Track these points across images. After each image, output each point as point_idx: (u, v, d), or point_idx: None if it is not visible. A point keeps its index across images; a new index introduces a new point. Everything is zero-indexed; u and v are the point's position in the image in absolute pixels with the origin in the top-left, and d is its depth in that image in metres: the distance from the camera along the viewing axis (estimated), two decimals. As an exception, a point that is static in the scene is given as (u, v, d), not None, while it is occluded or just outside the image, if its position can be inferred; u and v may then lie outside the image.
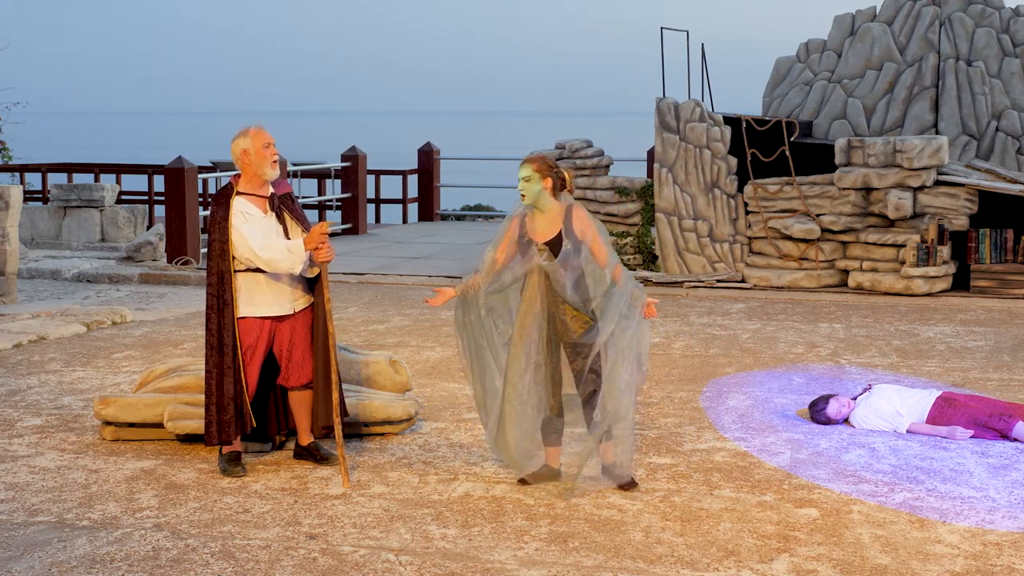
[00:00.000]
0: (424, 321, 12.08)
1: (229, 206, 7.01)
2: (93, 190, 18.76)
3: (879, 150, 13.70)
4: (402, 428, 7.86)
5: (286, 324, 7.13)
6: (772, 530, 6.10)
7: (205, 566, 5.65)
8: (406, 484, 6.84)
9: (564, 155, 15.35)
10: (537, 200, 6.69)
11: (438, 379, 9.50)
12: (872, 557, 5.75)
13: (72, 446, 7.64)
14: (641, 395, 8.95)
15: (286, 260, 6.94)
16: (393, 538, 6.00)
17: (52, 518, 6.31)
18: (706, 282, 14.22)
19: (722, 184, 14.43)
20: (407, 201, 22.27)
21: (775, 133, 14.45)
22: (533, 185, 6.66)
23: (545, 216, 6.71)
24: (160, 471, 7.11)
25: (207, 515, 6.34)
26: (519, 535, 6.03)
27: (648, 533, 6.06)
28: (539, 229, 6.73)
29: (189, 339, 11.25)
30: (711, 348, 10.71)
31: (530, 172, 6.66)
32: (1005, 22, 15.84)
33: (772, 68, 17.10)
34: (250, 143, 7.04)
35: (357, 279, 14.96)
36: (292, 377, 7.17)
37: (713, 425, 8.12)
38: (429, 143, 22.09)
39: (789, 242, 14.15)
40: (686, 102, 14.62)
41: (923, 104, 15.76)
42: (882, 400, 8.06)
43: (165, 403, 7.64)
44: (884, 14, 16.25)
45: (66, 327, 11.56)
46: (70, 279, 15.61)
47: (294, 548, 5.87)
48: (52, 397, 8.95)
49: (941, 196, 13.63)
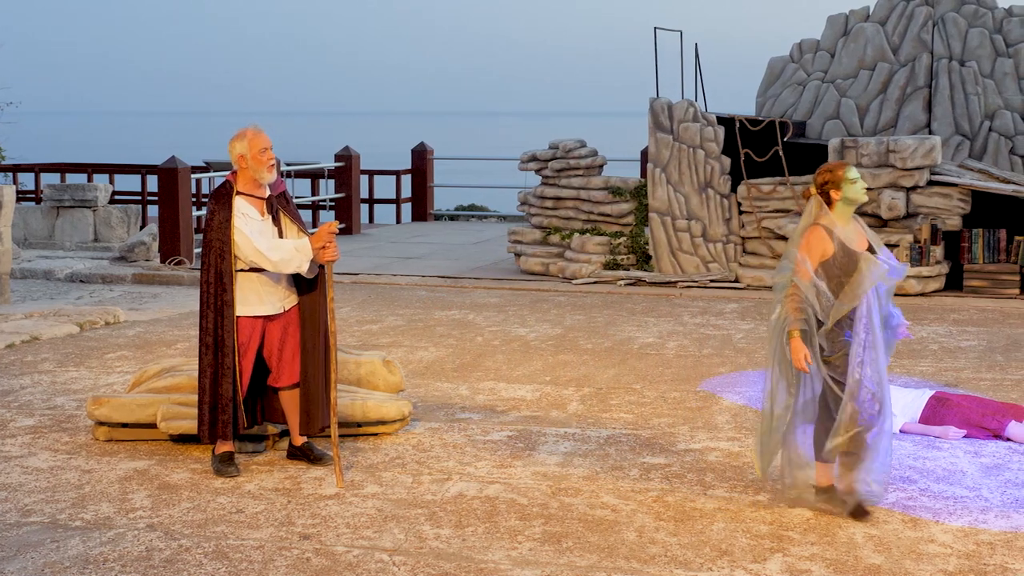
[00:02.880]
0: (418, 321, 12.08)
1: (231, 206, 6.98)
2: (86, 190, 18.74)
3: (872, 150, 13.72)
4: (396, 428, 7.86)
5: (277, 323, 7.12)
6: (765, 530, 6.11)
7: (198, 566, 5.64)
8: (400, 484, 6.84)
9: (558, 155, 15.35)
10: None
11: (432, 379, 9.50)
12: (865, 557, 5.76)
13: (65, 446, 7.63)
14: (634, 395, 8.96)
15: (294, 260, 6.93)
16: (387, 538, 6.00)
17: (45, 518, 6.30)
18: (700, 282, 14.22)
19: (716, 184, 14.44)
20: (400, 201, 22.28)
21: (769, 133, 14.46)
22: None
23: (855, 226, 6.38)
24: (153, 471, 7.10)
25: (200, 515, 6.34)
26: (513, 535, 6.03)
27: (642, 533, 6.06)
28: (854, 239, 6.34)
29: (182, 339, 11.24)
30: (705, 348, 10.71)
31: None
32: (998, 22, 15.86)
33: (766, 68, 17.12)
34: (247, 148, 7.00)
35: (351, 279, 14.96)
36: (283, 377, 7.16)
37: (707, 425, 8.12)
38: (423, 143, 22.09)
39: (783, 242, 14.16)
40: (680, 102, 14.63)
41: (916, 104, 15.77)
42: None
43: (158, 403, 7.63)
44: (877, 14, 16.27)
45: (59, 327, 11.55)
46: (63, 279, 15.59)
47: (288, 548, 5.87)
48: (45, 397, 8.94)
49: (934, 196, 13.64)
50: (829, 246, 6.23)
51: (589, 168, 15.30)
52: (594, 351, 10.57)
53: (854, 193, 6.28)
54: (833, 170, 6.33)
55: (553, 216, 15.45)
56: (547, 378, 9.53)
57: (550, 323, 11.95)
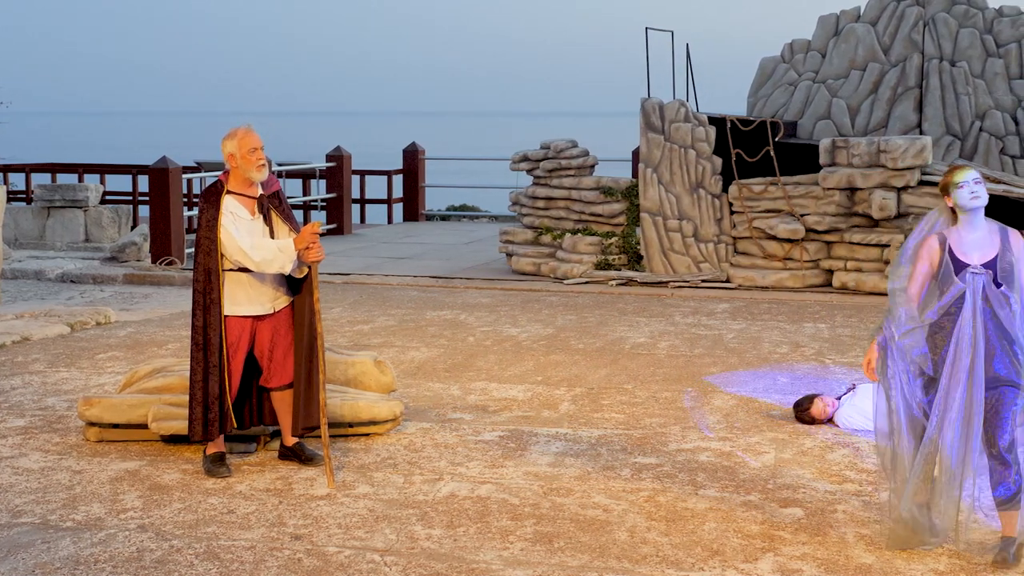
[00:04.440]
0: (409, 322, 12.07)
1: (219, 205, 6.99)
2: (77, 190, 18.70)
3: (863, 150, 13.74)
4: (387, 428, 7.86)
5: (267, 323, 7.12)
6: (757, 530, 6.11)
7: (190, 567, 5.63)
8: (391, 484, 6.83)
9: (549, 155, 15.35)
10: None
11: (423, 379, 9.50)
12: (857, 556, 5.76)
13: (56, 447, 7.61)
14: (626, 395, 8.96)
15: (277, 260, 6.93)
16: (378, 538, 6.00)
17: (36, 519, 6.29)
18: (691, 282, 14.23)
19: (707, 184, 14.45)
20: (392, 201, 22.26)
21: (760, 133, 14.47)
22: (984, 188, 5.78)
23: (980, 233, 5.78)
24: (144, 472, 7.09)
25: (191, 516, 6.33)
26: (504, 535, 6.03)
27: (633, 533, 6.06)
28: (970, 249, 5.78)
29: (173, 340, 11.22)
30: (696, 348, 10.72)
31: (979, 175, 5.80)
32: (988, 22, 15.89)
33: (757, 68, 17.14)
34: (236, 147, 7.01)
35: (342, 279, 14.95)
36: (274, 377, 7.16)
37: (698, 425, 8.13)
38: (414, 143, 22.08)
39: (774, 242, 14.17)
40: (671, 102, 14.64)
41: (907, 104, 15.80)
42: (866, 400, 8.06)
43: (149, 404, 7.62)
44: (868, 14, 16.30)
45: (50, 328, 11.53)
46: (54, 279, 15.56)
47: (279, 549, 5.86)
48: (36, 398, 8.92)
49: (925, 196, 13.66)
50: (936, 256, 5.72)
51: (580, 168, 15.30)
52: (585, 351, 10.57)
53: (961, 199, 5.72)
54: (946, 173, 5.80)
55: (544, 216, 15.46)
56: (539, 378, 9.53)
57: (542, 323, 11.95)
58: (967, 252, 5.71)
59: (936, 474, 5.68)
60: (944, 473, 5.65)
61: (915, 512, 5.72)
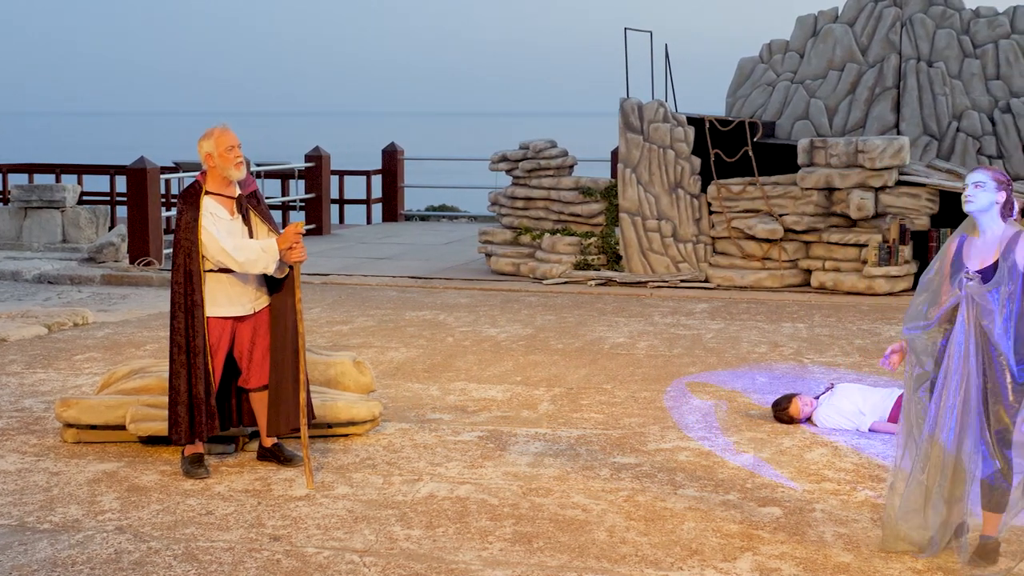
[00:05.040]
0: (388, 322, 12.06)
1: (199, 206, 6.96)
2: (54, 191, 18.61)
3: (841, 150, 13.78)
4: (366, 429, 7.85)
5: (247, 324, 7.10)
6: (735, 529, 6.13)
7: (168, 569, 5.61)
8: (370, 485, 6.82)
9: (528, 155, 15.35)
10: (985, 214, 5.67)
11: (402, 380, 9.49)
12: (835, 555, 5.78)
13: (33, 448, 7.58)
14: (605, 395, 8.97)
15: (260, 260, 6.91)
16: (357, 539, 5.99)
17: (13, 521, 6.25)
18: (670, 282, 14.25)
19: (686, 184, 14.47)
20: (371, 201, 22.23)
21: (738, 133, 14.51)
22: (988, 193, 5.67)
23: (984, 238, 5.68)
24: (122, 473, 7.06)
25: (170, 517, 6.31)
26: (483, 535, 6.03)
27: (612, 533, 6.07)
28: (973, 254, 5.69)
29: (152, 340, 11.18)
30: (675, 348, 10.74)
31: (985, 178, 5.67)
32: (966, 23, 15.96)
33: (735, 69, 17.17)
34: (213, 146, 6.99)
35: (321, 279, 14.92)
36: (253, 378, 7.14)
37: (677, 425, 8.14)
38: (393, 143, 22.06)
39: (752, 242, 14.21)
40: (650, 102, 14.66)
41: (885, 105, 15.85)
42: (844, 399, 8.11)
43: (127, 405, 7.59)
44: (846, 15, 16.35)
45: (27, 329, 11.47)
46: (31, 280, 15.48)
47: (258, 550, 5.85)
48: (13, 399, 8.88)
49: (903, 196, 13.72)
50: (948, 257, 5.74)
51: (559, 168, 15.31)
52: (565, 351, 10.58)
53: (962, 202, 5.72)
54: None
55: (524, 216, 15.46)
56: (518, 378, 9.53)
57: (521, 323, 11.95)
58: (970, 257, 5.70)
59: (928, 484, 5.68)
60: (936, 483, 5.66)
61: (911, 517, 5.73)
